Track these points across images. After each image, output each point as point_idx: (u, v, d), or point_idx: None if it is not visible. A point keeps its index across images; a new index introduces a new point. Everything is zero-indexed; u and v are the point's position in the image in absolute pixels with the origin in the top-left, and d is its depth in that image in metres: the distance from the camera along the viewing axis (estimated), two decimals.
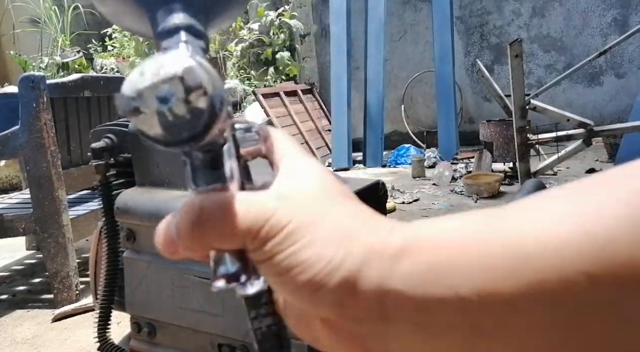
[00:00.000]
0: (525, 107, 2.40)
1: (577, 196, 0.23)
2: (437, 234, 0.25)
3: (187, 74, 0.23)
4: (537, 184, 0.75)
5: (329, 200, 0.27)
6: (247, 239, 0.26)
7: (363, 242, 0.25)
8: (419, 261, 0.24)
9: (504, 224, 0.24)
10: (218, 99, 0.24)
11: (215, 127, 0.24)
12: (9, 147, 1.89)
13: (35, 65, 5.78)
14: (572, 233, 0.22)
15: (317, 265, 0.25)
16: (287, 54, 5.92)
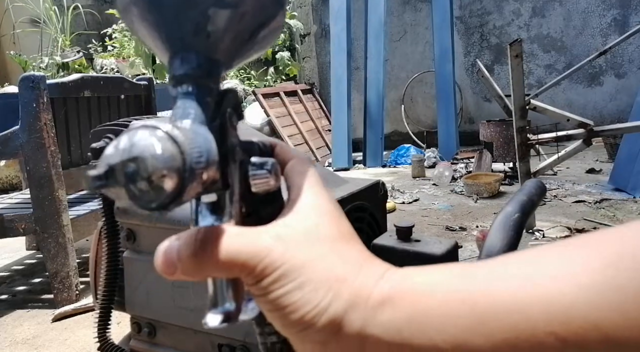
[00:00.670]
0: (525, 107, 2.40)
1: (550, 259, 0.25)
2: (421, 286, 0.27)
3: (149, 158, 0.24)
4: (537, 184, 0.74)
5: (326, 244, 0.29)
6: (243, 273, 0.28)
7: (350, 288, 0.27)
8: (401, 311, 0.26)
9: (482, 282, 0.25)
10: (187, 173, 0.25)
11: (184, 196, 0.26)
12: (9, 147, 1.89)
13: (35, 66, 5.78)
14: (542, 295, 0.23)
15: (306, 307, 0.27)
16: (287, 54, 5.92)
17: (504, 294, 0.24)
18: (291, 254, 0.28)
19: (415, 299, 0.26)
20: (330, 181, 1.19)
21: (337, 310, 0.27)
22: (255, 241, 0.28)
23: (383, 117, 4.95)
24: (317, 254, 0.28)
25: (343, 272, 0.28)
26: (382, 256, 0.94)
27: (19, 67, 5.93)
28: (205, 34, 0.30)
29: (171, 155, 0.25)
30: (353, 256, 0.29)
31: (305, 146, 5.16)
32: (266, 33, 0.33)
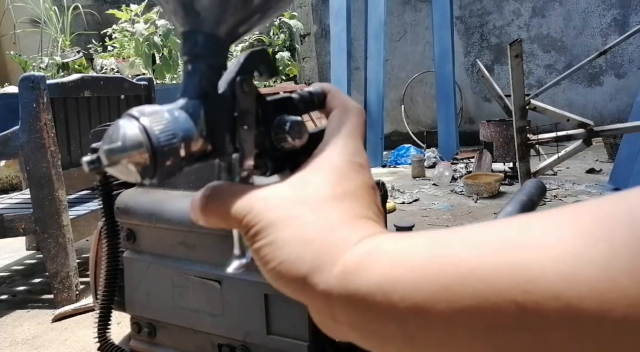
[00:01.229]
0: (525, 107, 2.40)
1: (528, 228, 0.25)
2: (389, 254, 0.27)
3: (121, 144, 0.30)
4: (537, 184, 0.74)
5: (309, 204, 0.31)
6: (236, 225, 0.32)
7: (315, 252, 0.29)
8: (367, 279, 0.27)
9: (449, 250, 0.26)
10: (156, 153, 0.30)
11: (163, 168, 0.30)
12: (9, 147, 1.89)
13: (35, 66, 5.78)
14: (507, 264, 0.23)
15: (272, 262, 0.30)
16: (287, 54, 5.92)
17: (473, 262, 0.24)
18: (269, 212, 0.31)
19: (383, 267, 0.27)
20: None
21: (298, 270, 0.29)
22: (243, 198, 0.32)
23: (383, 117, 4.95)
24: (292, 214, 0.31)
25: (312, 234, 0.30)
26: None
27: (19, 67, 5.93)
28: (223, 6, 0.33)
29: (137, 141, 0.29)
30: (334, 217, 0.31)
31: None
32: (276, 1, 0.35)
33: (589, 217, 0.24)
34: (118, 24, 5.78)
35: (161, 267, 1.12)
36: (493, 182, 3.31)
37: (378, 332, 0.27)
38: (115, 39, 6.06)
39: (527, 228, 0.25)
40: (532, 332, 0.22)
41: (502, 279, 0.23)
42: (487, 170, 3.74)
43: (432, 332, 0.25)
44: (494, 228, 0.26)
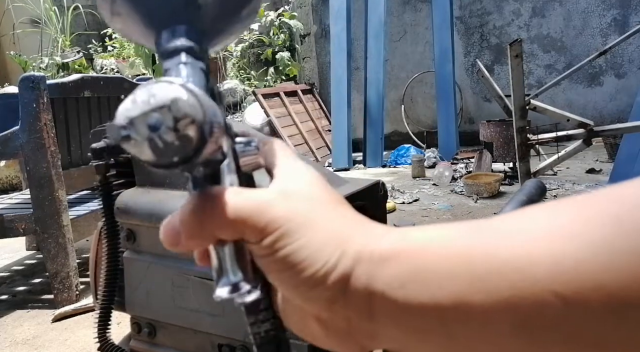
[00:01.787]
0: (525, 107, 2.40)
1: (555, 216, 0.24)
2: (422, 242, 0.26)
3: (175, 104, 0.24)
4: (537, 184, 0.74)
5: (324, 203, 0.29)
6: (246, 229, 0.27)
7: (356, 245, 0.27)
8: (403, 266, 0.26)
9: (484, 239, 0.25)
10: (207, 126, 0.25)
11: (204, 151, 0.26)
12: (9, 147, 1.89)
13: (36, 66, 5.78)
14: (545, 254, 0.23)
15: (315, 264, 0.26)
16: (287, 54, 5.92)
17: (505, 251, 0.24)
18: (295, 210, 0.28)
19: (416, 254, 0.26)
20: (331, 181, 1.19)
21: (345, 266, 0.27)
22: (257, 196, 0.28)
23: (383, 117, 4.95)
24: (320, 212, 0.28)
25: (347, 230, 0.28)
26: None
27: (19, 68, 5.93)
28: (196, 5, 0.30)
29: (194, 104, 0.25)
30: (352, 216, 0.29)
31: (305, 146, 5.16)
32: (247, 12, 0.34)
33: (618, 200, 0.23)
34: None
35: (161, 267, 1.12)
36: (493, 182, 3.31)
37: (418, 328, 0.26)
38: (115, 39, 6.07)
39: (556, 216, 0.24)
40: (575, 323, 0.22)
41: (539, 269, 0.22)
42: (487, 170, 3.74)
43: (472, 325, 0.24)
44: (525, 217, 0.25)
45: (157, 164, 0.26)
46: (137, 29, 0.32)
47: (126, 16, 0.31)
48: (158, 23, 0.30)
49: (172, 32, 0.30)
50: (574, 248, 0.22)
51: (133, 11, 0.31)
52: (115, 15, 0.32)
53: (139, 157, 0.25)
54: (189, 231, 0.28)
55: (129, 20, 0.31)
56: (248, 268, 0.28)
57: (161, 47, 0.30)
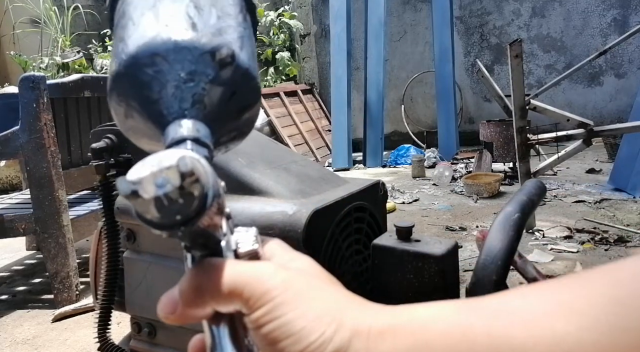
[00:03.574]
0: (525, 107, 2.40)
1: (554, 295, 0.25)
2: (422, 318, 0.27)
3: (181, 162, 0.26)
4: (537, 184, 0.75)
5: (320, 280, 0.29)
6: (242, 299, 0.27)
7: (351, 319, 0.27)
8: (403, 343, 0.26)
9: (484, 317, 0.25)
10: (211, 190, 0.27)
11: (206, 213, 0.27)
12: (9, 147, 1.89)
13: (36, 66, 5.78)
14: (546, 333, 0.23)
15: (309, 337, 0.26)
16: (287, 54, 5.92)
17: (505, 332, 0.24)
18: (292, 281, 0.28)
19: (415, 330, 0.26)
20: (330, 181, 1.19)
21: (342, 339, 0.26)
22: (255, 267, 0.29)
23: (383, 117, 4.95)
24: (317, 285, 0.29)
25: (343, 305, 0.28)
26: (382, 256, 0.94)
27: (19, 68, 5.93)
28: (202, 104, 0.34)
29: (199, 166, 0.27)
30: (347, 293, 0.30)
31: (305, 146, 5.16)
32: (248, 117, 0.38)
33: (615, 279, 0.24)
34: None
35: (161, 267, 1.12)
36: (493, 182, 3.31)
37: None
38: None
39: (552, 295, 0.25)
40: None
41: (538, 350, 0.23)
42: (487, 170, 3.74)
43: None
44: (518, 297, 0.26)
45: (160, 222, 0.27)
46: (147, 128, 0.35)
47: (138, 117, 0.35)
48: (167, 119, 0.34)
49: (179, 125, 0.33)
50: (574, 327, 0.23)
51: (145, 111, 0.35)
52: (128, 118, 0.36)
53: (144, 216, 0.27)
54: (186, 299, 0.28)
55: (140, 121, 0.35)
56: (242, 345, 0.28)
57: (168, 137, 0.33)
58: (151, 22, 0.35)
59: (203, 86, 0.34)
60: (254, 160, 1.13)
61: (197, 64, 0.34)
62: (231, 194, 1.01)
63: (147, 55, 0.34)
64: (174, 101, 0.34)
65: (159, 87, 0.34)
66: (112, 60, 0.37)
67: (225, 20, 0.36)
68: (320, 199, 1.04)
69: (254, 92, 0.38)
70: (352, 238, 1.10)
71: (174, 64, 0.34)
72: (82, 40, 6.44)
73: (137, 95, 0.35)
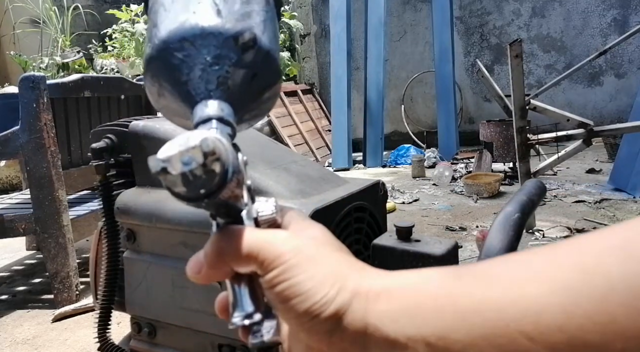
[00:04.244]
0: (525, 107, 2.40)
1: (532, 264, 0.27)
2: (412, 282, 0.30)
3: (204, 141, 0.30)
4: (537, 184, 0.75)
5: (329, 247, 0.33)
6: (258, 261, 0.31)
7: (353, 282, 0.31)
8: (395, 303, 0.29)
9: (467, 281, 0.29)
10: (230, 166, 0.31)
11: (227, 187, 0.31)
12: (9, 147, 1.89)
13: (36, 66, 5.78)
14: (518, 297, 0.26)
15: (315, 296, 0.30)
16: (287, 54, 5.92)
17: (484, 295, 0.27)
18: (302, 248, 0.31)
19: (407, 293, 0.29)
20: (330, 181, 1.19)
21: (343, 299, 0.30)
22: (269, 234, 0.32)
23: (383, 117, 4.95)
24: (325, 252, 0.32)
25: (347, 269, 0.31)
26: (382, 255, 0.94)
27: (19, 68, 5.93)
28: (226, 86, 0.37)
29: (219, 145, 0.30)
30: (352, 259, 0.33)
31: (305, 146, 5.16)
32: (268, 96, 0.41)
33: (586, 250, 0.26)
34: (118, 24, 5.78)
35: (161, 267, 1.12)
36: (493, 182, 3.31)
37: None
38: (115, 39, 6.06)
39: (529, 263, 0.27)
40: None
41: (512, 310, 0.25)
42: (487, 170, 3.74)
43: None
44: (500, 264, 0.29)
45: (186, 195, 0.31)
46: (177, 107, 0.39)
47: (169, 96, 0.39)
48: (194, 99, 0.37)
49: (205, 105, 0.36)
50: (543, 292, 0.25)
51: (175, 92, 0.38)
52: (161, 97, 0.39)
53: (173, 189, 0.30)
54: (210, 261, 0.32)
55: (171, 100, 0.39)
56: (261, 302, 0.33)
57: (196, 116, 0.36)
58: (180, 8, 0.38)
59: (227, 69, 0.37)
60: (254, 160, 1.13)
61: (222, 49, 0.37)
62: None
63: (177, 40, 0.37)
64: (201, 83, 0.37)
65: (187, 69, 0.37)
66: (147, 44, 0.40)
67: (249, 5, 0.39)
68: (320, 199, 1.04)
69: (274, 73, 0.41)
70: (352, 238, 1.10)
71: (200, 48, 0.37)
72: (82, 40, 6.44)
73: (168, 76, 0.38)
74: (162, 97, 0.39)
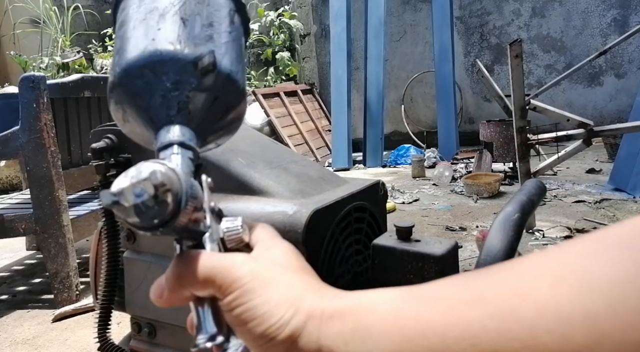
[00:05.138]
0: (525, 107, 2.40)
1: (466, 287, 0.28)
2: (365, 303, 0.30)
3: (153, 175, 0.30)
4: (537, 184, 0.74)
5: (288, 269, 0.34)
6: (215, 286, 0.32)
7: (307, 304, 0.31)
8: (347, 324, 0.29)
9: (413, 303, 0.29)
10: (184, 195, 0.31)
11: (180, 217, 0.31)
12: (10, 147, 1.89)
13: (36, 66, 5.78)
14: (458, 321, 0.26)
15: (270, 320, 0.30)
16: (287, 54, 5.92)
17: (429, 318, 0.27)
18: (258, 272, 0.32)
19: (358, 315, 0.30)
20: (330, 181, 1.19)
21: (298, 323, 0.30)
22: (227, 259, 0.33)
23: (383, 117, 4.95)
24: (282, 275, 0.33)
25: (303, 292, 0.32)
26: (382, 255, 0.93)
27: (19, 68, 5.93)
28: (187, 110, 0.37)
29: (171, 177, 0.31)
30: (311, 281, 0.34)
31: (305, 146, 5.16)
32: (233, 117, 0.41)
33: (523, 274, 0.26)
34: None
35: (161, 267, 1.12)
36: (493, 182, 3.31)
37: None
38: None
39: (472, 285, 0.28)
40: None
41: (451, 334, 0.26)
42: (487, 170, 3.74)
43: None
44: (447, 285, 0.29)
45: (140, 225, 0.31)
46: (142, 132, 0.39)
47: (133, 121, 0.39)
48: (157, 125, 0.38)
49: (167, 130, 0.37)
50: (480, 316, 0.26)
51: (138, 117, 0.38)
52: (126, 122, 0.40)
53: (126, 219, 0.31)
54: (170, 286, 0.33)
55: (135, 125, 0.39)
56: (224, 324, 0.33)
57: (158, 141, 0.37)
58: (141, 35, 0.38)
59: (187, 94, 0.38)
60: (254, 160, 1.13)
61: (181, 74, 0.37)
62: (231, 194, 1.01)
63: (137, 68, 0.37)
64: (162, 109, 0.37)
65: (148, 96, 0.37)
66: (110, 70, 0.40)
67: (210, 27, 0.39)
68: (320, 199, 1.04)
69: (236, 94, 0.41)
70: (352, 238, 1.10)
71: (160, 75, 0.37)
72: (82, 40, 6.44)
73: (130, 103, 0.38)
74: (127, 122, 0.40)
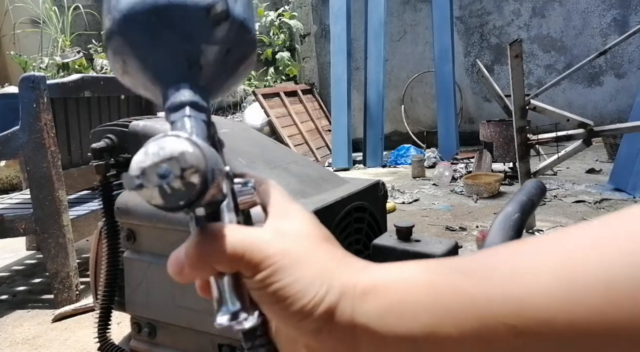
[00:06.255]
0: (525, 107, 2.40)
1: (519, 255, 0.28)
2: (397, 276, 0.30)
3: (182, 156, 0.28)
4: (537, 184, 0.75)
5: (314, 242, 0.32)
6: (242, 264, 0.30)
7: (340, 280, 0.30)
8: (381, 300, 0.29)
9: (450, 275, 0.28)
10: (210, 174, 0.29)
11: (207, 194, 0.29)
12: (10, 147, 1.89)
13: (36, 66, 5.78)
14: (502, 290, 0.26)
15: (305, 298, 0.30)
16: (287, 54, 5.92)
17: (469, 287, 0.27)
18: (289, 249, 0.31)
19: (392, 289, 0.29)
20: (330, 181, 1.19)
21: (331, 300, 0.30)
22: (255, 234, 0.31)
23: (383, 117, 4.95)
24: (311, 250, 0.31)
25: (333, 266, 0.31)
26: (382, 256, 0.94)
27: (19, 68, 5.93)
28: (198, 67, 0.34)
29: (198, 155, 0.28)
30: (338, 253, 0.33)
31: (305, 146, 5.16)
32: (244, 68, 0.38)
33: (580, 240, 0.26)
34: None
35: (161, 267, 1.12)
36: (493, 182, 3.31)
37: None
38: None
39: (516, 255, 0.28)
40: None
41: (497, 304, 0.26)
42: (487, 170, 3.74)
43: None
44: (489, 256, 0.29)
45: (165, 207, 0.29)
46: (145, 86, 0.35)
47: (135, 74, 0.35)
48: (164, 81, 0.34)
49: (177, 89, 0.33)
50: (524, 285, 0.25)
51: (142, 71, 0.34)
52: (125, 74, 0.35)
53: (150, 202, 0.28)
54: (192, 263, 0.31)
55: (137, 78, 0.35)
56: (246, 298, 0.31)
57: (168, 101, 0.33)
58: None
59: (199, 47, 0.33)
60: (254, 160, 1.13)
61: (192, 23, 0.33)
62: None
63: (141, 12, 0.32)
64: (170, 63, 0.33)
65: (153, 49, 0.33)
66: (105, 15, 0.34)
67: None
68: (320, 199, 1.04)
69: (249, 44, 0.37)
70: (352, 238, 1.10)
71: (168, 23, 0.32)
72: (82, 40, 6.44)
73: (132, 54, 0.33)
74: (127, 74, 0.35)
